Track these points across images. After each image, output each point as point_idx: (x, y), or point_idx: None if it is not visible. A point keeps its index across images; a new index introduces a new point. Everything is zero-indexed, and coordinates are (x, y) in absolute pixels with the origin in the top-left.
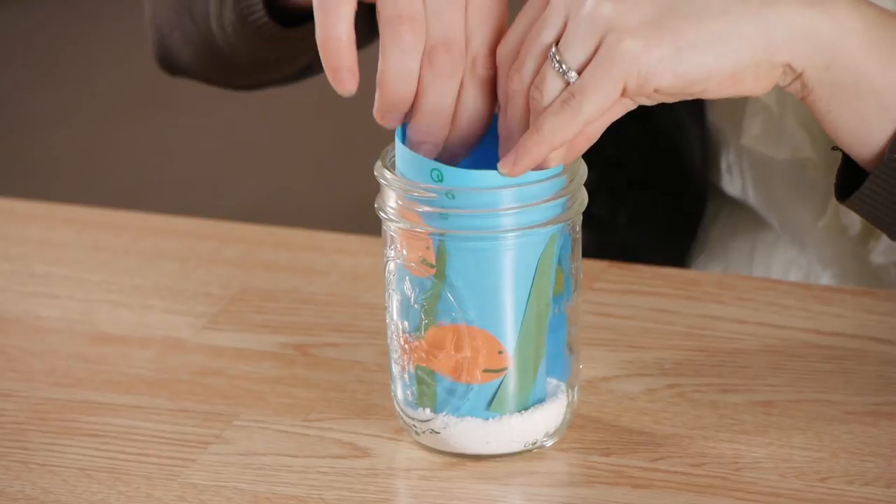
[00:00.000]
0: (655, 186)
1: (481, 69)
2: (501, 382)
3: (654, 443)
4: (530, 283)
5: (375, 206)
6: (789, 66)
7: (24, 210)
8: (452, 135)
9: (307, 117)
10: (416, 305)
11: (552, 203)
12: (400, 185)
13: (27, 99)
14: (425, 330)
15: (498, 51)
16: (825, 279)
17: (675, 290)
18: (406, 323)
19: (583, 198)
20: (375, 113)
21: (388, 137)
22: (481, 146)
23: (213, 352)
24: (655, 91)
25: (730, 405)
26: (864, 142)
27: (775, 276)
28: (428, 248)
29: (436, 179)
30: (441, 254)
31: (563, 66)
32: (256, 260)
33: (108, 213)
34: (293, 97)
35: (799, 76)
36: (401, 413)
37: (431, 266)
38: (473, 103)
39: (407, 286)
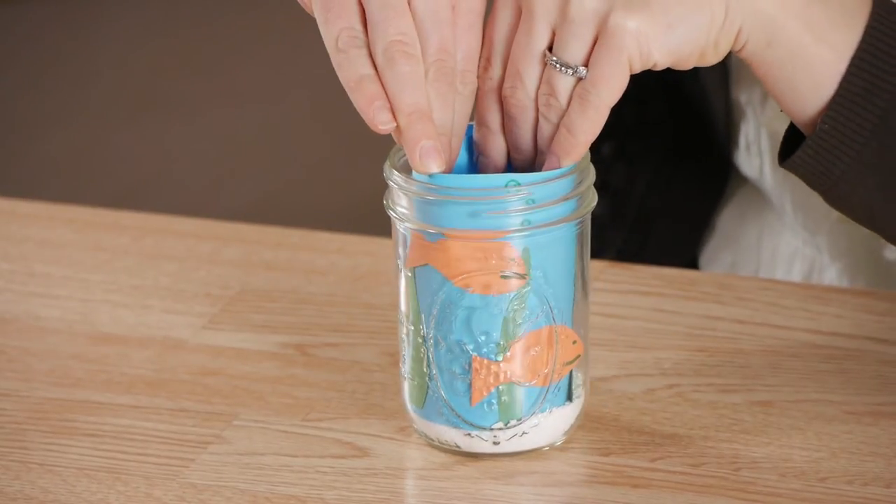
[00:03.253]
0: (676, 156)
1: (462, 84)
2: (573, 371)
3: (654, 443)
4: (583, 264)
5: (391, 211)
6: (738, 35)
7: (24, 210)
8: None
9: (306, 118)
10: (494, 317)
11: (588, 189)
12: (476, 196)
13: (27, 99)
14: (512, 341)
15: (484, 76)
16: (832, 272)
17: (675, 290)
18: (480, 341)
19: (594, 192)
20: (411, 158)
21: (388, 138)
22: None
23: (212, 352)
24: (654, 65)
25: (729, 405)
26: (799, 112)
27: (780, 265)
28: (513, 258)
29: (514, 191)
30: (526, 259)
31: (569, 67)
32: (256, 260)
33: (107, 213)
34: (293, 98)
35: (741, 49)
36: (469, 429)
37: (520, 276)
38: (461, 119)
39: (479, 303)
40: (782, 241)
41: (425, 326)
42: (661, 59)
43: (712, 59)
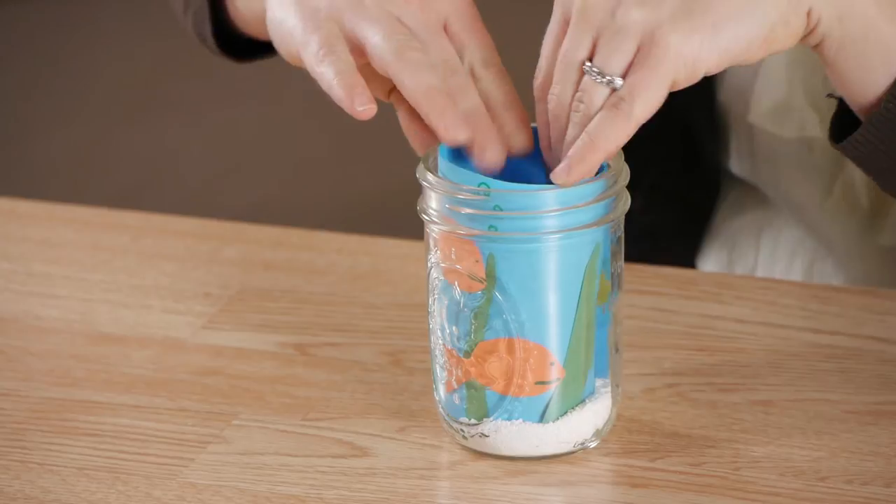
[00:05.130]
0: (668, 170)
1: (484, 71)
2: (553, 392)
3: (654, 442)
4: (579, 288)
5: (417, 208)
6: (808, 14)
7: (24, 210)
8: (503, 132)
9: (306, 118)
10: (465, 313)
11: (600, 204)
12: (450, 189)
13: (27, 99)
14: (474, 344)
15: (534, 83)
16: (829, 263)
17: (675, 289)
18: (453, 334)
19: (627, 197)
20: (443, 133)
21: (386, 138)
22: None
23: (212, 351)
24: (705, 74)
25: (729, 404)
26: (865, 90)
27: (781, 258)
28: (477, 261)
29: (483, 193)
30: (490, 265)
31: (606, 77)
32: (255, 260)
33: (107, 212)
34: (292, 98)
35: (814, 28)
36: (445, 417)
37: (481, 280)
38: (499, 97)
39: (454, 297)
40: (783, 235)
41: (427, 299)
42: (711, 64)
43: (784, 39)
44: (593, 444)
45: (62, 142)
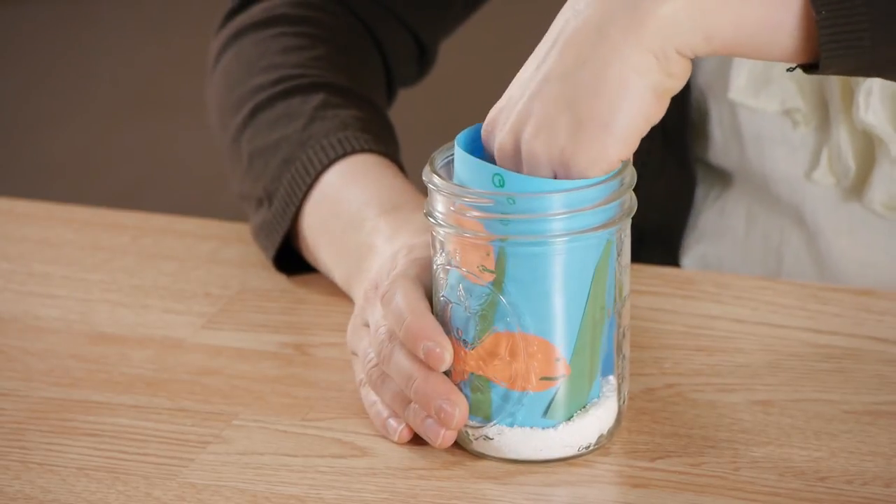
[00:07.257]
0: (645, 172)
1: None
2: (558, 389)
3: (654, 443)
4: (588, 288)
5: (424, 212)
6: (680, 53)
7: (23, 210)
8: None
9: None
10: (470, 312)
11: (610, 205)
12: (457, 192)
13: (27, 99)
14: (481, 337)
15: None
16: (822, 240)
17: (673, 289)
18: (460, 330)
19: (633, 199)
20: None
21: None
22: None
23: (211, 351)
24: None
25: (728, 404)
26: (783, 49)
27: (772, 248)
28: (488, 254)
29: (497, 185)
30: (501, 260)
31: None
32: (255, 260)
33: (106, 212)
34: None
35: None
36: None
37: (491, 272)
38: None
39: (461, 293)
40: (765, 225)
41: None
42: (619, 156)
43: (680, 77)
44: (597, 448)
45: (62, 141)
